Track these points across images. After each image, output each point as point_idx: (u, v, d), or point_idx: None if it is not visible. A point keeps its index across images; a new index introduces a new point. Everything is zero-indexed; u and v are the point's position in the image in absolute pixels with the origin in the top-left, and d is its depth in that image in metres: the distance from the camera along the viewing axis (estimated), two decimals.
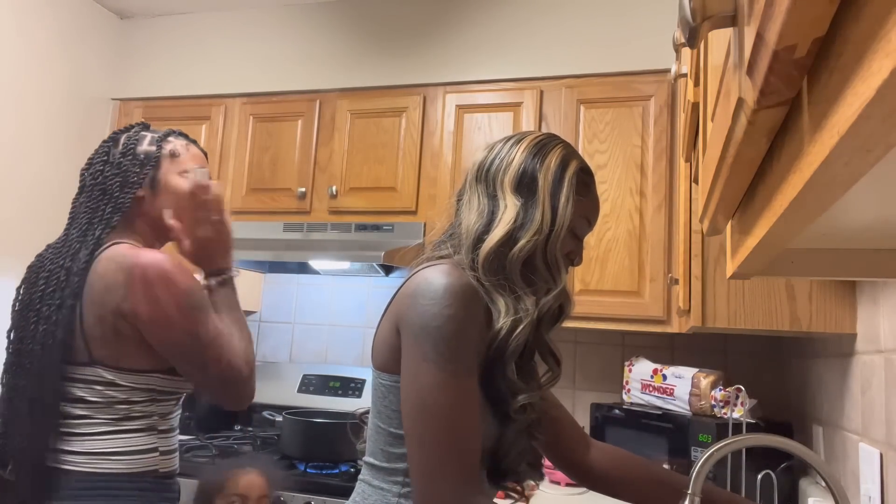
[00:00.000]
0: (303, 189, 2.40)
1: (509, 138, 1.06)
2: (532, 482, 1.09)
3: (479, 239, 0.96)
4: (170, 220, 1.29)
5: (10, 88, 2.35)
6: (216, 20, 2.70)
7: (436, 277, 0.89)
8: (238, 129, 2.55)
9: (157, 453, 1.19)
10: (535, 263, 0.97)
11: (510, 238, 0.95)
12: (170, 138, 1.35)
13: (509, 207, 0.97)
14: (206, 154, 1.42)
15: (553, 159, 1.02)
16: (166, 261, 1.17)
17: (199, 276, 1.30)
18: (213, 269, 1.31)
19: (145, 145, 1.32)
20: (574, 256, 1.04)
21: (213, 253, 1.31)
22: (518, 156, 1.01)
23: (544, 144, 1.03)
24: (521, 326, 0.92)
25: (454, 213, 1.05)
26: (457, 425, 0.85)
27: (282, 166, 2.46)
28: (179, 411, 1.28)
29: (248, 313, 2.76)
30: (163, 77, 2.72)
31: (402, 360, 0.89)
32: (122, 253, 1.18)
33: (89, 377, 1.16)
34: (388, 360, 0.94)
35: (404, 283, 0.95)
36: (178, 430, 1.28)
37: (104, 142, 1.35)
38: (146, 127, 1.38)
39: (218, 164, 2.54)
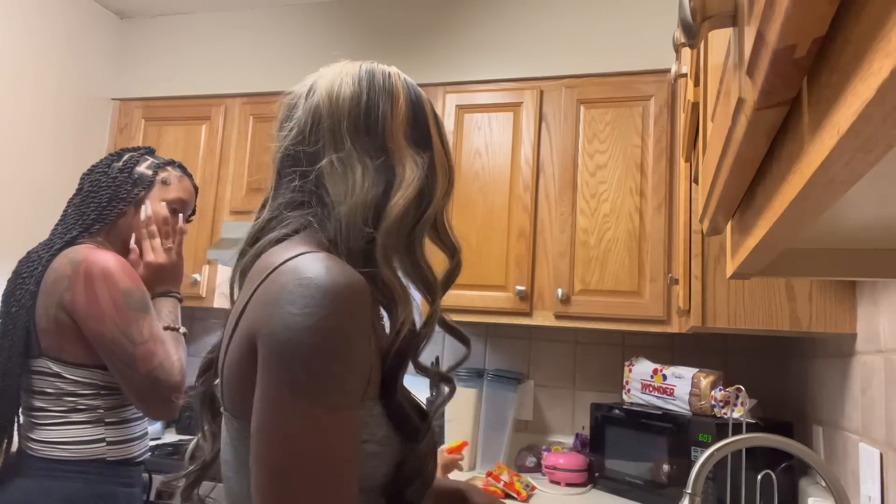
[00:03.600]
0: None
1: (371, 70, 0.81)
2: None
3: (379, 212, 0.72)
4: (132, 244, 1.41)
5: (10, 88, 2.35)
6: (216, 20, 2.70)
7: (310, 273, 0.63)
8: (238, 129, 2.55)
9: (105, 443, 1.27)
10: (429, 232, 0.79)
11: (415, 203, 0.75)
12: (168, 167, 1.46)
13: (409, 165, 0.75)
14: (196, 189, 1.53)
15: (424, 97, 0.82)
16: (112, 261, 1.26)
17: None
18: (161, 292, 1.42)
19: (143, 167, 1.43)
20: None
21: (163, 278, 1.41)
22: (401, 94, 0.79)
23: (407, 80, 0.82)
24: (438, 315, 0.77)
25: (304, 173, 0.76)
26: (338, 478, 0.61)
27: None
28: (128, 404, 1.32)
29: None
30: (163, 77, 2.72)
31: (259, 389, 0.62)
32: (77, 251, 1.28)
33: (41, 368, 1.27)
34: (249, 399, 0.64)
35: (261, 281, 0.66)
36: (136, 422, 1.34)
37: (110, 154, 1.45)
38: (151, 152, 1.48)
39: (218, 164, 2.54)
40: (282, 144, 0.78)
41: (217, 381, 0.75)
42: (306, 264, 0.64)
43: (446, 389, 0.82)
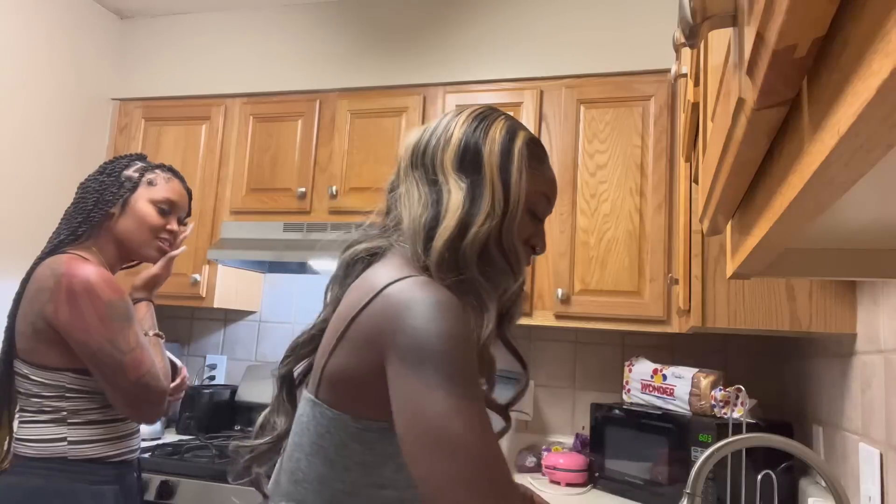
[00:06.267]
0: (303, 189, 2.40)
1: (446, 115, 0.93)
2: None
3: (430, 234, 0.82)
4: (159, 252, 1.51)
5: (11, 88, 2.35)
6: (216, 20, 2.70)
7: (418, 293, 0.74)
8: (238, 129, 2.55)
9: (66, 442, 1.30)
10: (490, 253, 0.84)
11: (463, 227, 0.82)
12: (156, 170, 1.49)
13: (454, 191, 0.84)
14: (190, 193, 1.55)
15: (498, 130, 0.89)
16: (94, 274, 1.29)
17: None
18: (137, 297, 1.50)
19: (130, 171, 1.45)
20: (535, 242, 0.92)
21: (154, 286, 1.52)
22: (457, 130, 0.88)
23: (486, 116, 0.90)
24: (487, 332, 0.80)
25: (389, 207, 0.92)
26: (485, 452, 0.70)
27: (282, 166, 2.46)
28: (97, 407, 1.33)
29: (248, 313, 2.76)
30: (163, 77, 2.72)
31: (398, 395, 0.72)
32: (60, 261, 1.31)
33: (16, 370, 1.32)
34: (356, 397, 0.77)
35: (371, 299, 0.77)
36: (104, 424, 1.34)
37: (104, 163, 1.49)
38: (143, 157, 1.52)
39: (218, 164, 2.54)
40: (387, 185, 0.95)
41: (300, 364, 0.89)
42: (412, 286, 0.75)
43: (503, 423, 0.88)
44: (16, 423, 1.35)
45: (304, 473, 0.79)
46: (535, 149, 0.91)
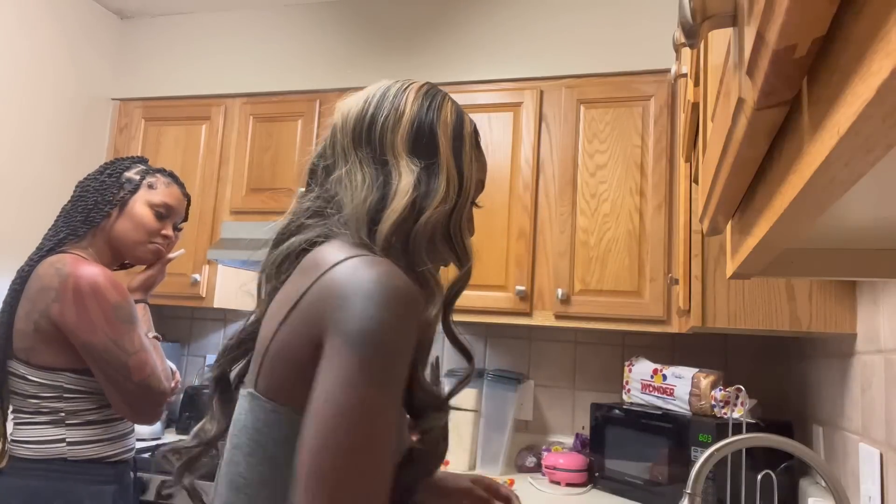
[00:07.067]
0: (303, 189, 2.39)
1: (387, 86, 0.86)
2: None
3: (375, 218, 0.78)
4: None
5: (11, 88, 2.35)
6: (216, 20, 2.70)
7: (365, 271, 0.69)
8: (238, 129, 2.55)
9: (64, 443, 1.30)
10: (437, 239, 0.81)
11: (412, 211, 0.78)
12: (157, 174, 1.50)
13: (405, 174, 0.79)
14: (188, 198, 1.56)
15: (448, 112, 0.86)
16: (100, 275, 1.29)
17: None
18: (142, 298, 1.53)
19: (131, 173, 1.47)
20: (470, 227, 0.89)
21: (151, 287, 1.55)
22: (408, 108, 0.83)
23: (434, 94, 0.86)
24: (432, 315, 0.76)
25: (322, 184, 0.86)
26: (386, 461, 0.67)
27: (282, 166, 2.46)
28: (94, 407, 1.33)
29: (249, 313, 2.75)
30: (163, 77, 2.72)
31: (325, 369, 0.67)
32: (64, 261, 1.31)
33: (12, 370, 1.32)
34: (296, 382, 0.70)
35: (319, 276, 0.72)
36: (101, 424, 1.34)
37: (104, 163, 1.49)
38: (144, 160, 1.53)
39: (218, 164, 2.54)
40: (308, 159, 0.88)
41: (235, 364, 0.84)
42: (359, 264, 0.70)
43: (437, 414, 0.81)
44: (9, 425, 1.34)
45: (245, 478, 0.72)
46: (477, 135, 0.90)
